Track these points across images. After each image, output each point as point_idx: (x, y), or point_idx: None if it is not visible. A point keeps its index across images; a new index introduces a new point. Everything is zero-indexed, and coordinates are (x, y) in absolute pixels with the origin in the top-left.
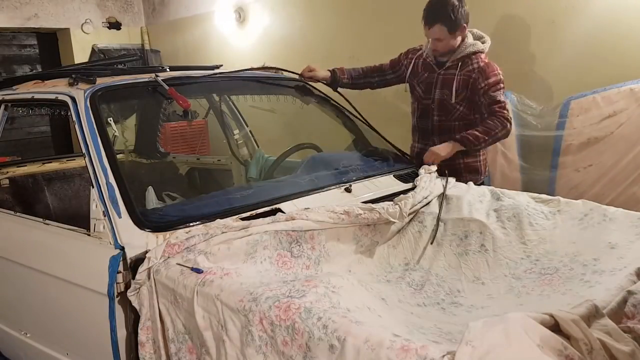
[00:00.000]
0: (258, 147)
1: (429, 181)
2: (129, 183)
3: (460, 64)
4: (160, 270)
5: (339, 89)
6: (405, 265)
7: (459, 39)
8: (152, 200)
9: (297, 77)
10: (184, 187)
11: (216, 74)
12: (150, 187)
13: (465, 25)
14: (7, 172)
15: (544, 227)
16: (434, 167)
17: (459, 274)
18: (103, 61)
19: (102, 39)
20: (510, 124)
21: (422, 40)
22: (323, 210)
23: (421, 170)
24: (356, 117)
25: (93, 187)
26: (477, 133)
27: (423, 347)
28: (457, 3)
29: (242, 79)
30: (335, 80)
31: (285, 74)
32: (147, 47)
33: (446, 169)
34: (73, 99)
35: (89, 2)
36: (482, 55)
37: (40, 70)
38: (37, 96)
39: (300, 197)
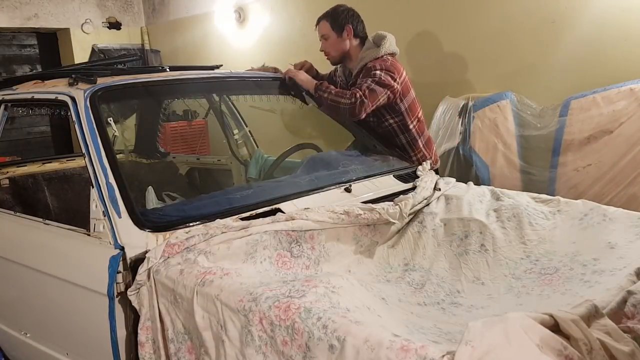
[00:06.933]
0: (257, 147)
1: (429, 181)
2: (128, 183)
3: (360, 77)
4: (160, 270)
5: None
6: (405, 265)
7: (347, 43)
8: (152, 200)
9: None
10: (184, 187)
11: (216, 74)
12: (150, 187)
13: (350, 26)
14: (7, 172)
15: (543, 227)
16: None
17: (458, 274)
18: (103, 61)
19: (102, 39)
20: (358, 103)
21: (420, 40)
22: (323, 210)
23: (419, 170)
24: None
25: (93, 187)
26: (331, 86)
27: (423, 347)
28: (343, 9)
29: (241, 79)
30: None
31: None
32: (147, 47)
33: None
34: (73, 99)
35: (89, 2)
36: (380, 61)
37: (40, 70)
38: (37, 96)
39: (300, 197)
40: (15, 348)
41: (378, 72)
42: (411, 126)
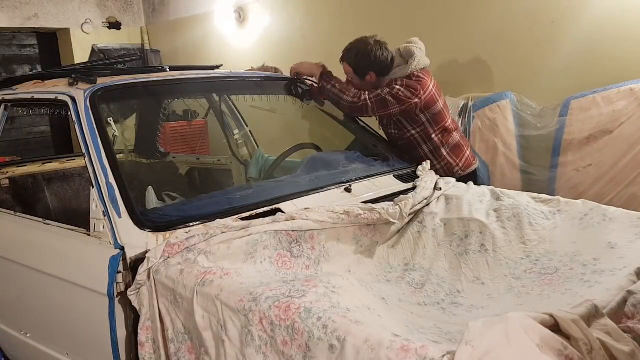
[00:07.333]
0: (258, 147)
1: (429, 182)
2: (129, 183)
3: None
4: (160, 270)
5: None
6: (405, 265)
7: (373, 82)
8: (152, 200)
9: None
10: (184, 187)
11: (216, 74)
12: (150, 187)
13: (373, 73)
14: (7, 172)
15: (544, 227)
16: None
17: (459, 274)
18: (103, 61)
19: (102, 39)
20: (361, 104)
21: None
22: (323, 210)
23: (419, 170)
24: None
25: (93, 187)
26: (337, 79)
27: (423, 347)
28: (363, 56)
29: (241, 79)
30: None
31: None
32: (147, 47)
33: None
34: (73, 99)
35: (89, 2)
36: (405, 78)
37: (40, 70)
38: (37, 96)
39: (300, 197)
40: (15, 348)
41: (398, 86)
42: (433, 135)
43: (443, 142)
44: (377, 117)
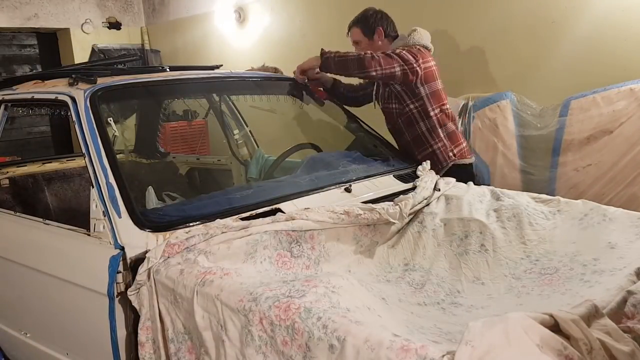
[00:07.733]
0: (258, 147)
1: (429, 182)
2: (129, 183)
3: None
4: (160, 270)
5: None
6: (405, 265)
7: (380, 44)
8: (152, 200)
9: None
10: (184, 187)
11: (216, 74)
12: (150, 187)
13: (381, 28)
14: (7, 172)
15: (543, 227)
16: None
17: (458, 274)
18: (103, 61)
19: (102, 39)
20: (369, 56)
21: None
22: (323, 210)
23: (419, 170)
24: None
25: (93, 187)
26: (336, 51)
27: (423, 347)
28: (372, 12)
29: (241, 79)
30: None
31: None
32: (147, 47)
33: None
34: (73, 99)
35: (89, 2)
36: (406, 46)
37: (40, 70)
38: (37, 96)
39: (300, 197)
40: (15, 348)
41: (399, 49)
42: (432, 113)
43: (440, 123)
44: (382, 78)
